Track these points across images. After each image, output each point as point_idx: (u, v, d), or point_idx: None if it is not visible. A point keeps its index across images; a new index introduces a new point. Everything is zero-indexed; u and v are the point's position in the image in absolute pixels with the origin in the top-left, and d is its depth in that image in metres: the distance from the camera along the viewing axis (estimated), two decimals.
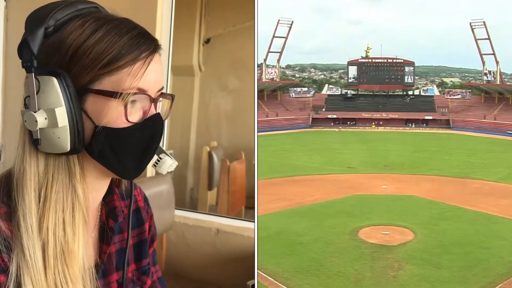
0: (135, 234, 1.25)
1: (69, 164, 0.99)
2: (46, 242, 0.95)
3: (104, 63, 0.95)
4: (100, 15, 1.01)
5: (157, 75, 1.01)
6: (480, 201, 16.00)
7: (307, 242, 12.38)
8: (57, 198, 0.97)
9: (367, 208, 15.33)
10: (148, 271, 1.27)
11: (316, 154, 24.95)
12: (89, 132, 0.97)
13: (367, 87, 40.50)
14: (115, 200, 1.17)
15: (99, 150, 0.98)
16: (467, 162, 22.95)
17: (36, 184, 0.97)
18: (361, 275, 10.70)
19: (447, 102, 38.80)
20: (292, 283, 10.29)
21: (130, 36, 0.97)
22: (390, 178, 19.71)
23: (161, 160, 1.13)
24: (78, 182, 1.00)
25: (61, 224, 0.97)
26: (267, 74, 39.62)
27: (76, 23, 0.97)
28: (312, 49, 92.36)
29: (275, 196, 15.96)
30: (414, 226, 13.59)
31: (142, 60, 0.98)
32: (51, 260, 0.95)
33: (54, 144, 0.95)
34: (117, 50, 0.96)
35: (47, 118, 0.94)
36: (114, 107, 0.96)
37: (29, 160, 0.98)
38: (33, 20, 0.97)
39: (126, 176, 1.11)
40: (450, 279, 10.39)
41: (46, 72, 0.94)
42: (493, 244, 12.21)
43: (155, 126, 1.03)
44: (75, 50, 0.95)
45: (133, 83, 0.97)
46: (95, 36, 0.96)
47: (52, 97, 0.93)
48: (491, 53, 38.54)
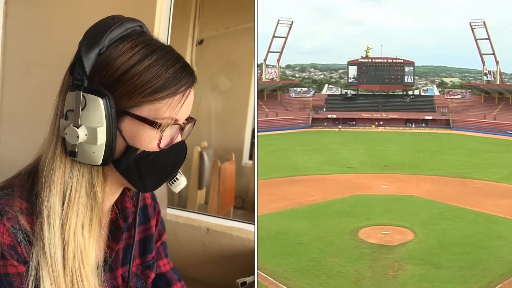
0: (141, 230, 1.31)
1: (93, 172, 1.06)
2: (67, 243, 1.02)
3: (148, 92, 1.01)
4: (148, 39, 1.06)
5: (189, 106, 1.10)
6: (480, 201, 16.01)
7: (307, 242, 12.38)
8: (80, 202, 1.04)
9: (367, 208, 15.34)
10: (152, 266, 1.33)
11: (316, 154, 24.96)
12: (120, 149, 1.05)
13: (367, 87, 40.51)
14: (126, 201, 1.23)
15: (126, 166, 1.06)
16: (467, 162, 22.96)
17: (62, 187, 1.03)
18: (361, 275, 10.71)
19: (447, 102, 38.81)
20: (292, 283, 10.29)
21: (174, 70, 1.04)
22: (390, 178, 19.72)
23: (177, 181, 1.21)
24: (99, 189, 1.07)
25: (80, 227, 1.04)
26: (267, 74, 39.63)
27: (126, 45, 1.03)
28: (312, 49, 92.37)
29: (275, 196, 15.96)
30: (414, 226, 13.59)
31: (181, 93, 1.05)
32: (70, 260, 1.03)
33: (88, 157, 1.02)
34: (162, 82, 1.02)
35: (87, 135, 1.00)
36: (149, 134, 1.03)
37: (58, 165, 1.03)
38: (90, 41, 1.01)
39: (143, 191, 1.22)
40: (450, 279, 10.40)
41: (93, 92, 1.00)
42: (493, 244, 12.21)
43: (179, 152, 1.12)
44: (123, 73, 1.01)
45: (171, 115, 1.04)
46: (144, 63, 1.02)
47: (96, 117, 0.99)
48: (491, 53, 38.56)
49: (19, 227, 1.00)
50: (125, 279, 1.23)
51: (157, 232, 1.37)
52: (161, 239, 1.39)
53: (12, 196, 1.03)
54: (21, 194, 1.04)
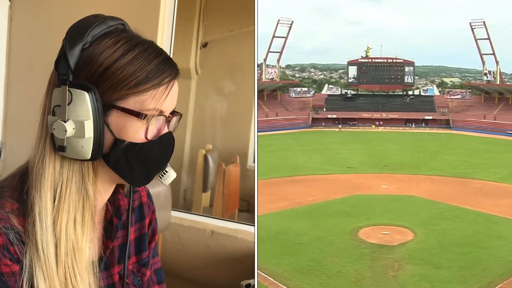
0: (137, 229, 1.33)
1: (83, 168, 1.08)
2: (59, 239, 1.04)
3: (132, 84, 1.04)
4: (130, 35, 1.09)
5: (174, 98, 1.12)
6: (480, 201, 16.02)
7: (307, 242, 12.39)
8: (71, 198, 1.05)
9: (367, 208, 15.34)
10: (148, 263, 1.34)
11: (316, 154, 24.97)
12: (108, 143, 1.06)
13: (367, 87, 40.52)
14: (120, 200, 1.24)
15: (115, 160, 1.08)
16: (467, 162, 22.97)
17: (52, 184, 1.05)
18: (361, 275, 10.71)
19: (447, 102, 38.83)
20: (292, 283, 10.30)
21: (156, 62, 1.07)
22: (390, 178, 19.73)
23: (167, 173, 1.22)
24: (90, 185, 1.08)
25: (72, 223, 1.05)
26: (267, 74, 39.64)
27: (108, 41, 1.05)
28: (312, 49, 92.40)
29: (275, 196, 15.97)
30: (414, 226, 13.60)
31: (165, 85, 1.07)
32: (62, 256, 1.04)
33: (76, 151, 1.04)
34: (145, 74, 1.04)
35: (75, 129, 1.02)
36: (135, 125, 1.05)
37: (48, 162, 1.05)
38: (73, 37, 1.03)
39: (134, 184, 1.23)
40: (450, 279, 10.40)
41: (79, 86, 1.02)
42: (493, 244, 12.22)
43: (167, 143, 1.14)
44: (106, 67, 1.03)
45: (156, 106, 1.06)
46: (126, 57, 1.04)
47: (82, 110, 1.01)
48: (491, 53, 38.57)
49: (11, 227, 1.01)
50: (121, 277, 1.24)
51: (150, 231, 1.38)
52: (155, 239, 1.40)
53: (3, 197, 1.04)
54: (12, 194, 1.05)
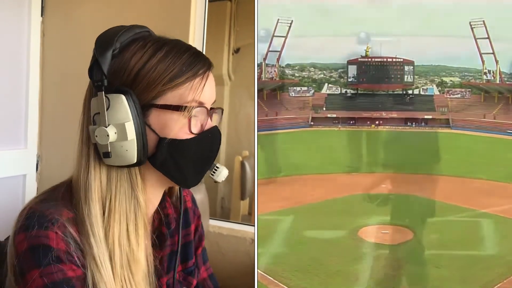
0: (182, 236, 1.29)
1: (131, 175, 1.05)
2: (113, 251, 1.00)
3: (166, 80, 1.02)
4: (156, 38, 1.09)
5: (212, 90, 1.09)
6: (479, 200, 15.98)
7: (307, 241, 12.40)
8: (121, 209, 1.03)
9: (367, 207, 15.34)
10: (194, 272, 1.31)
11: (316, 153, 24.98)
12: (152, 144, 1.04)
13: (367, 86, 40.58)
14: (168, 208, 1.23)
15: (162, 160, 1.05)
16: (467, 161, 22.94)
17: (100, 196, 1.02)
18: (361, 274, 10.72)
19: (447, 101, 38.81)
20: (292, 283, 10.27)
21: (188, 56, 1.05)
22: (389, 177, 19.73)
23: (218, 169, 1.18)
24: (140, 192, 1.05)
25: (125, 234, 1.02)
26: (267, 73, 39.72)
27: (137, 45, 1.05)
28: (312, 49, 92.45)
29: (275, 195, 15.98)
30: (414, 225, 13.60)
31: (200, 76, 1.05)
32: (118, 269, 1.01)
33: (122, 156, 1.02)
34: (178, 67, 1.03)
35: (116, 132, 1.00)
36: (178, 120, 1.03)
37: (93, 173, 1.03)
38: (102, 43, 1.04)
39: (185, 185, 1.17)
40: (449, 278, 10.40)
41: (115, 91, 1.01)
42: (492, 243, 12.22)
43: (214, 137, 1.11)
44: (139, 69, 1.02)
45: (195, 97, 1.04)
46: (156, 56, 1.03)
47: (121, 113, 1.00)
48: (490, 52, 38.64)
49: (70, 234, 0.99)
50: (169, 286, 1.22)
51: (197, 237, 1.35)
52: (202, 245, 1.38)
53: (59, 205, 1.02)
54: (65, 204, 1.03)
